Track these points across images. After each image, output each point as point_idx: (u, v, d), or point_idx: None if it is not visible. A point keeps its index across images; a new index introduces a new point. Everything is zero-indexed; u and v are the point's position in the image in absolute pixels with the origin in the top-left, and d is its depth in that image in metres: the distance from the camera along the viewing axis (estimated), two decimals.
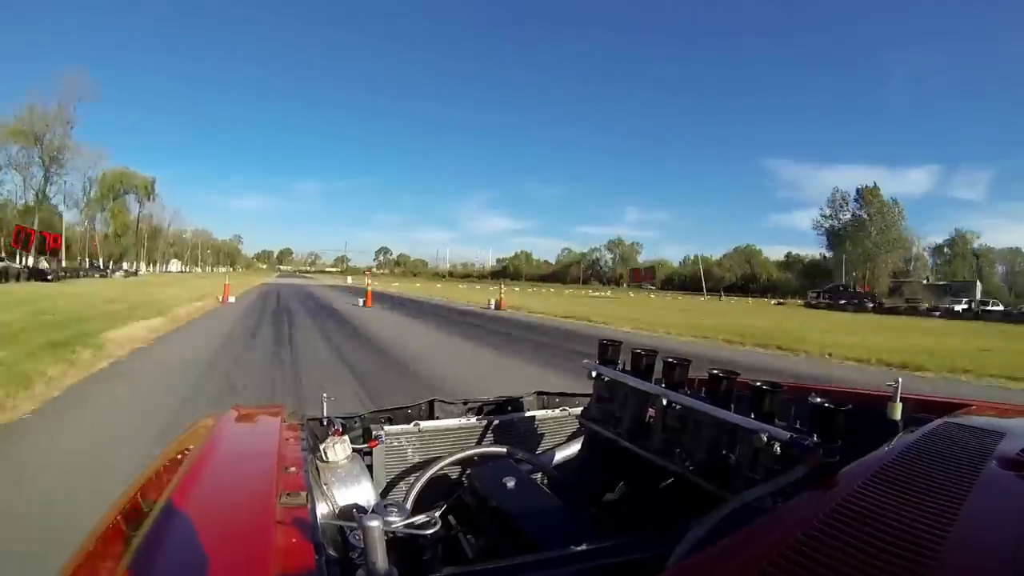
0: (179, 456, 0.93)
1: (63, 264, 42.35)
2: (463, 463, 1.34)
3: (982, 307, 38.36)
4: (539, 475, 1.41)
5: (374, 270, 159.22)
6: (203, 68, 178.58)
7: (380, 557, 0.64)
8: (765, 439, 0.85)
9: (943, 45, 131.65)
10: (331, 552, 0.73)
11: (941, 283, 57.63)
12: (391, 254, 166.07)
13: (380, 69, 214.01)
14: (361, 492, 1.02)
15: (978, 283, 58.07)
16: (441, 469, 1.28)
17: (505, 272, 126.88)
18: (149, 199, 63.37)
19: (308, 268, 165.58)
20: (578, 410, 1.51)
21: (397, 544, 0.77)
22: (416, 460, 1.40)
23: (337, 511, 0.96)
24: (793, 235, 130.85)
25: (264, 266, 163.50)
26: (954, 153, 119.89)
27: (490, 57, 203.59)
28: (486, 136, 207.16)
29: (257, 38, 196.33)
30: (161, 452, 1.05)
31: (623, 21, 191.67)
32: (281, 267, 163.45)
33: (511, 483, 1.09)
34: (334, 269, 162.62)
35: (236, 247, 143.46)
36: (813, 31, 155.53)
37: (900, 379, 1.12)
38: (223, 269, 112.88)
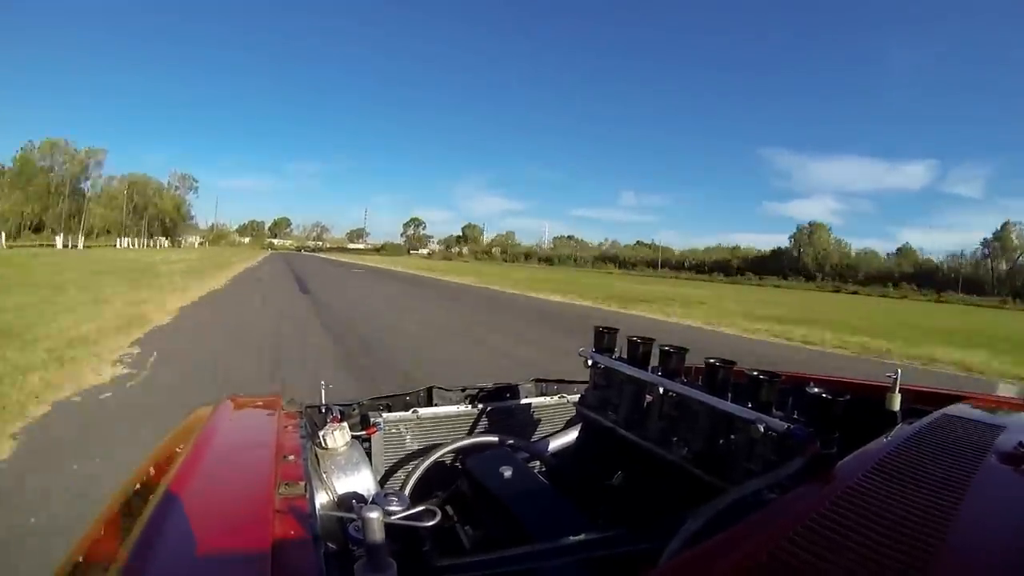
0: (177, 447, 0.90)
1: None
2: (461, 451, 1.33)
3: None
4: (536, 463, 1.40)
5: (453, 248, 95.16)
6: (183, 49, 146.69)
7: (379, 549, 0.62)
8: (762, 429, 0.85)
9: (944, 38, 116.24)
10: (330, 545, 0.72)
11: None
12: (423, 227, 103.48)
13: (372, 55, 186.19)
14: (360, 480, 1.01)
15: None
16: (439, 457, 1.26)
17: (722, 266, 62.08)
18: None
19: (319, 244, 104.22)
20: (575, 397, 1.50)
21: (396, 535, 0.75)
22: (414, 447, 1.39)
23: (336, 499, 0.95)
24: (789, 224, 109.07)
25: (247, 240, 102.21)
26: (952, 148, 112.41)
27: (485, 44, 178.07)
28: (483, 120, 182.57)
29: (249, 20, 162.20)
30: (158, 444, 1.01)
31: (622, 9, 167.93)
32: (275, 242, 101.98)
33: (508, 472, 1.08)
34: (358, 246, 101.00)
35: (174, 200, 71.46)
36: (810, 22, 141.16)
37: (899, 370, 1.10)
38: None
